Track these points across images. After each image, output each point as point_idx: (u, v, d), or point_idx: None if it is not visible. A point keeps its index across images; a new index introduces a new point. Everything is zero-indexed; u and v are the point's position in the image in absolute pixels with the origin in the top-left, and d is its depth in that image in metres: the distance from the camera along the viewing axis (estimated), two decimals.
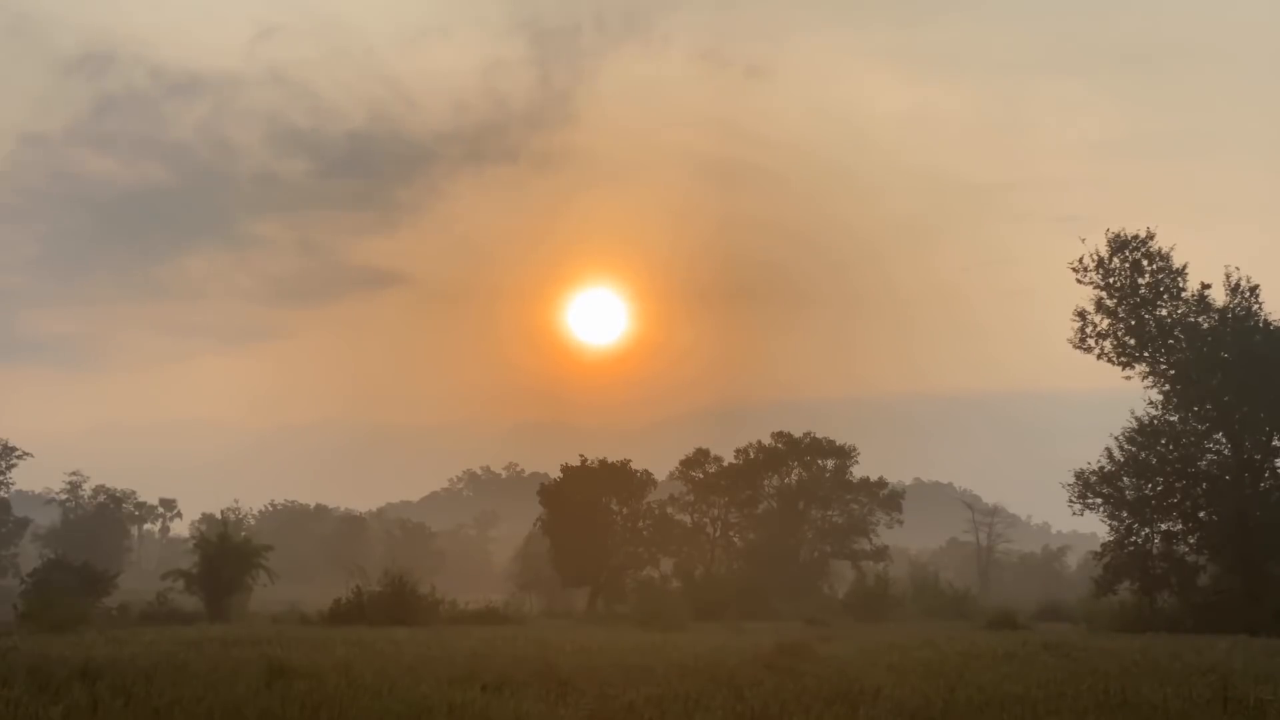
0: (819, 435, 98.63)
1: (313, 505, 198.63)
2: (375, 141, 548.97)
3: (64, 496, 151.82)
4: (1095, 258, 55.02)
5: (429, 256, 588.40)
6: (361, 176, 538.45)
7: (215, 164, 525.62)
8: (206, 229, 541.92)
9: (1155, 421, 54.81)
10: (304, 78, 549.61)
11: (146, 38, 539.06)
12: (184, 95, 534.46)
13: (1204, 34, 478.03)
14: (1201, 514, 54.42)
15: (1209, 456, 54.87)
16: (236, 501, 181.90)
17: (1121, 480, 54.95)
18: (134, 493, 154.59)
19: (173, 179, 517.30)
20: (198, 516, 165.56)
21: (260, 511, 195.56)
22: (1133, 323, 54.67)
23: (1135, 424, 55.02)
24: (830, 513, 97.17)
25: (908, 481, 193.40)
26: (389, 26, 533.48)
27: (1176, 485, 54.49)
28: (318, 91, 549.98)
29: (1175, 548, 54.82)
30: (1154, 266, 54.56)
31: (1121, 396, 57.04)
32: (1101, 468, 55.11)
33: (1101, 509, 55.27)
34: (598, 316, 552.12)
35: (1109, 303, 54.86)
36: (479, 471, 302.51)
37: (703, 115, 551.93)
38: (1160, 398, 55.15)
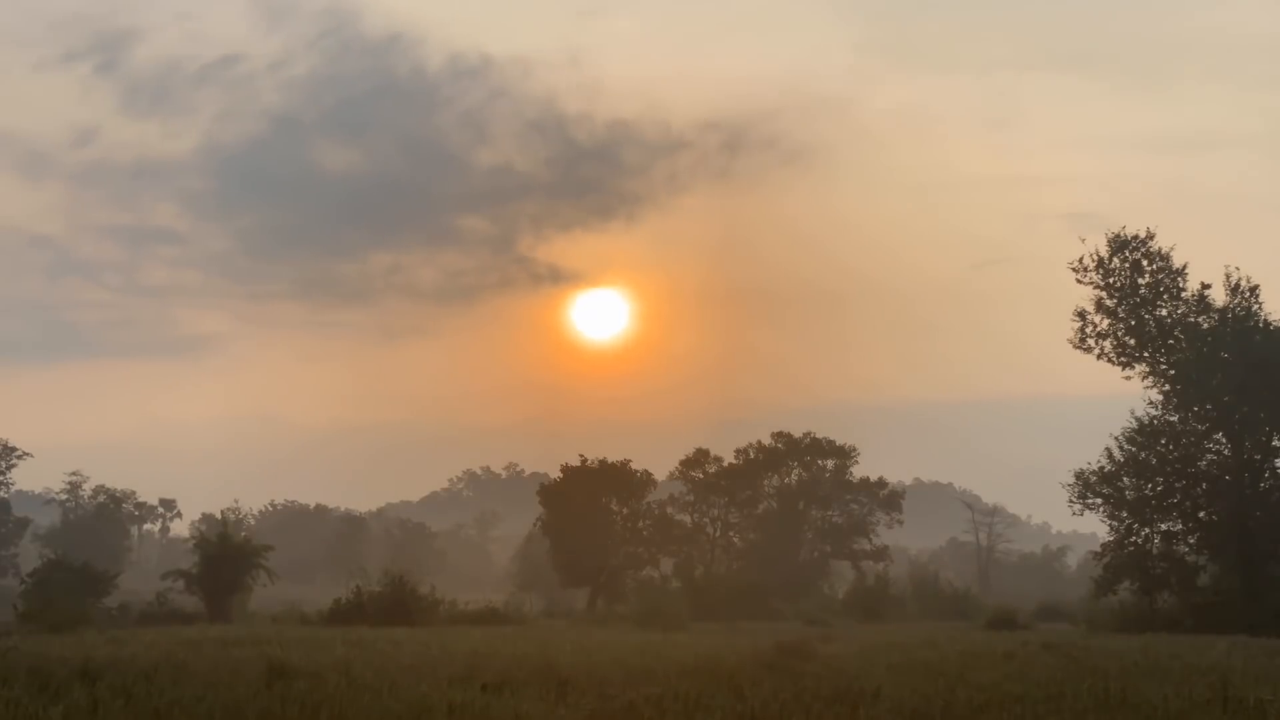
0: (819, 435, 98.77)
1: (312, 505, 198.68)
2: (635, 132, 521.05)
3: (64, 496, 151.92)
4: (1095, 258, 55.08)
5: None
6: (602, 172, 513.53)
7: (460, 153, 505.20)
8: (412, 223, 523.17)
9: (1155, 421, 54.82)
10: (596, 63, 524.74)
11: (447, 19, 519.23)
12: (465, 80, 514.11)
13: (1203, 29, 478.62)
14: (1201, 514, 54.43)
15: (1209, 456, 54.87)
16: (236, 501, 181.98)
17: (1121, 480, 54.95)
18: (134, 493, 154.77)
19: (412, 170, 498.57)
20: (198, 516, 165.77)
21: (260, 511, 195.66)
22: (1133, 323, 54.69)
23: (1135, 424, 55.03)
24: (830, 513, 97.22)
25: (908, 481, 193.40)
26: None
27: (1176, 485, 54.49)
28: (601, 78, 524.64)
29: (1175, 548, 54.83)
30: (1154, 266, 54.60)
31: (1122, 397, 57.21)
32: (1101, 468, 55.11)
33: (1101, 509, 55.28)
34: (600, 312, 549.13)
35: (1109, 303, 54.89)
36: (479, 471, 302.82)
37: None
38: (1160, 398, 55.19)
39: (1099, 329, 55.25)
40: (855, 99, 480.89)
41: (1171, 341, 54.56)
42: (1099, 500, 55.10)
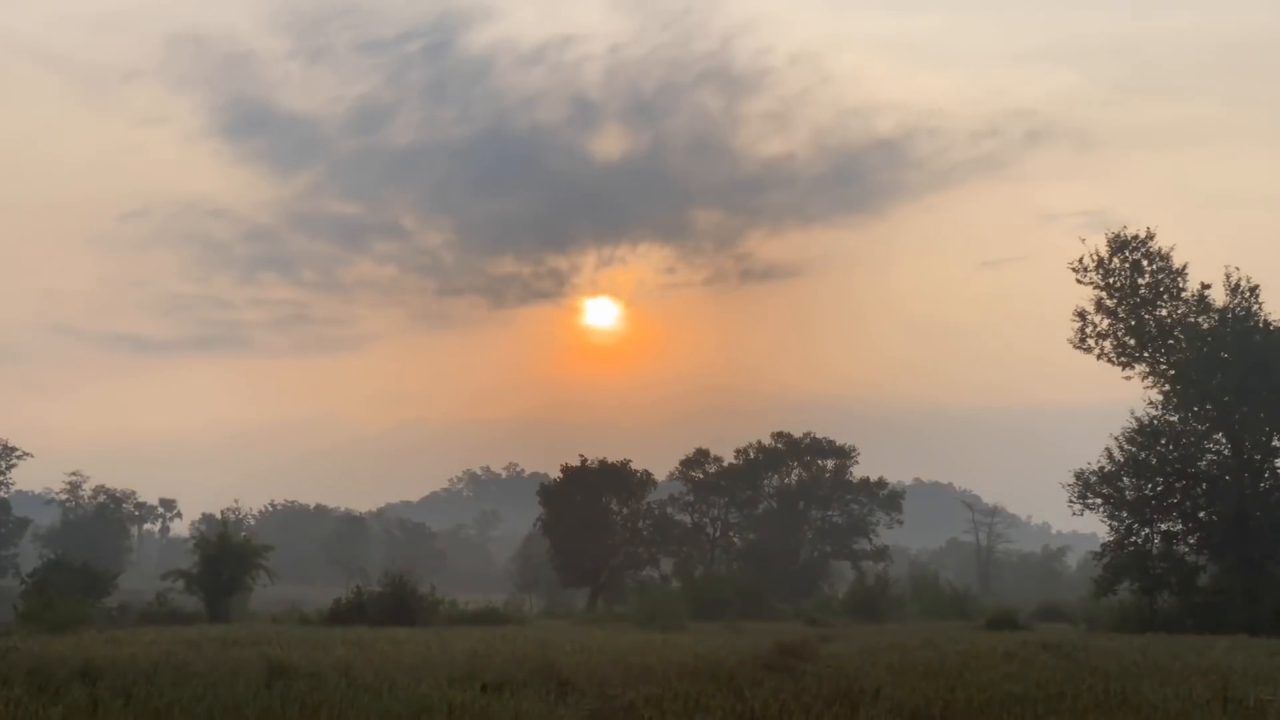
0: (819, 435, 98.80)
1: (312, 505, 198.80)
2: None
3: (64, 497, 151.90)
4: (1095, 258, 55.07)
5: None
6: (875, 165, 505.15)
7: (739, 146, 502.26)
8: (647, 215, 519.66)
9: (1155, 421, 54.80)
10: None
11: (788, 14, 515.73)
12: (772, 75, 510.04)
13: (1197, 22, 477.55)
14: (1201, 514, 54.41)
15: (1209, 456, 54.85)
16: (236, 501, 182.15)
17: (1121, 480, 54.92)
18: (134, 493, 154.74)
19: (681, 161, 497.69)
20: (198, 517, 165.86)
21: (260, 511, 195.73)
22: (1133, 323, 54.67)
23: (1135, 424, 55.02)
24: (830, 513, 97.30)
25: (908, 481, 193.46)
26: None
27: (1176, 485, 54.47)
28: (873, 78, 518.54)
29: (1175, 548, 54.80)
30: (1154, 266, 54.57)
31: (1123, 398, 57.19)
32: (1101, 468, 55.09)
33: (1101, 509, 55.25)
34: (600, 308, 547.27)
35: (1109, 303, 54.88)
36: (479, 471, 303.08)
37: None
38: (1160, 398, 55.17)
39: (1099, 329, 55.25)
40: None
41: (1171, 341, 54.54)
42: (1099, 500, 55.08)
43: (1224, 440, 54.18)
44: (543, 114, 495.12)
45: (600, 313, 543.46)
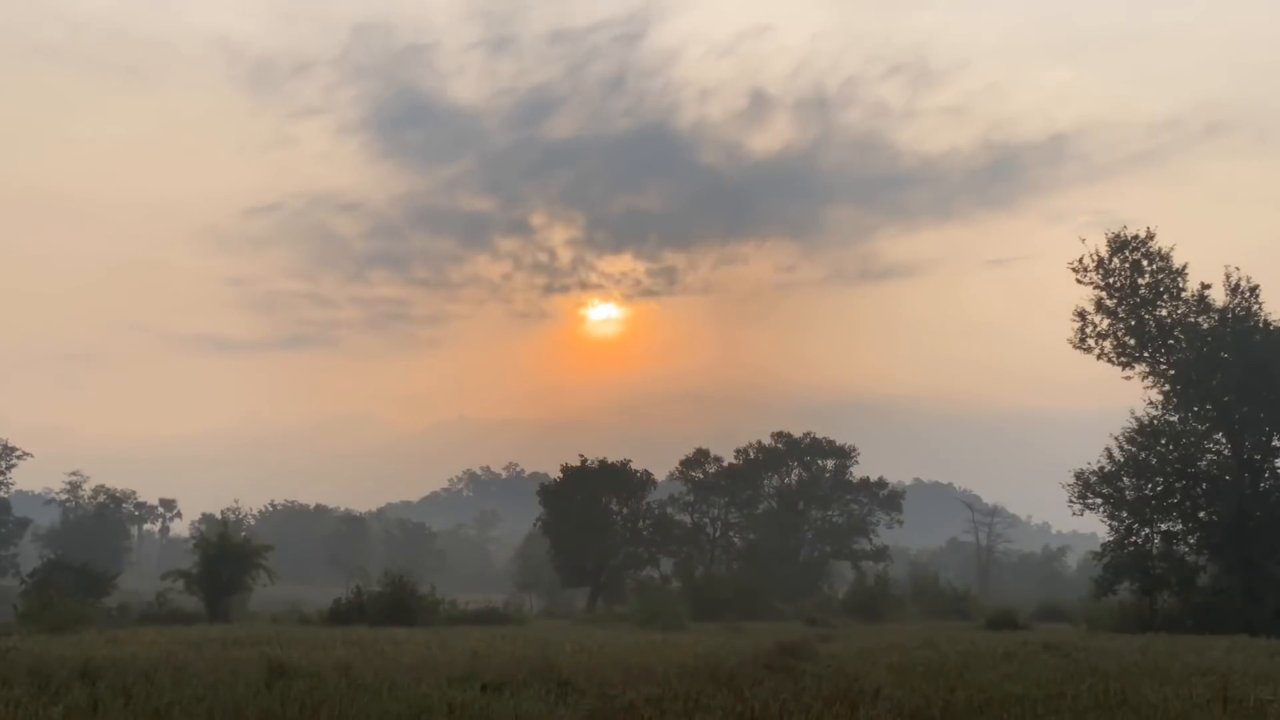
0: (819, 435, 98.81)
1: (312, 505, 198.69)
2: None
3: (64, 497, 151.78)
4: (1095, 258, 55.07)
5: None
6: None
7: (897, 145, 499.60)
8: (781, 213, 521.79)
9: (1155, 421, 54.80)
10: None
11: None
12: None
13: (1195, 16, 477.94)
14: (1201, 514, 54.39)
15: (1209, 456, 54.84)
16: (236, 501, 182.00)
17: (1121, 480, 54.91)
18: (134, 493, 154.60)
19: (837, 157, 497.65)
20: (198, 517, 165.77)
21: (260, 511, 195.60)
22: (1133, 323, 54.67)
23: (1135, 424, 55.02)
24: (830, 513, 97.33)
25: (908, 481, 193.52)
26: None
27: (1176, 485, 54.45)
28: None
29: (1175, 548, 54.78)
30: (1154, 266, 54.58)
31: (1123, 397, 57.16)
32: (1101, 468, 55.08)
33: (1101, 509, 55.23)
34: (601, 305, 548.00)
35: (1109, 303, 54.88)
36: (479, 471, 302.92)
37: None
38: (1160, 398, 55.16)
39: (1099, 329, 55.26)
40: None
41: (1171, 341, 54.54)
42: (1099, 500, 55.06)
43: (1224, 440, 54.17)
44: (713, 108, 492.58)
45: (694, 310, 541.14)
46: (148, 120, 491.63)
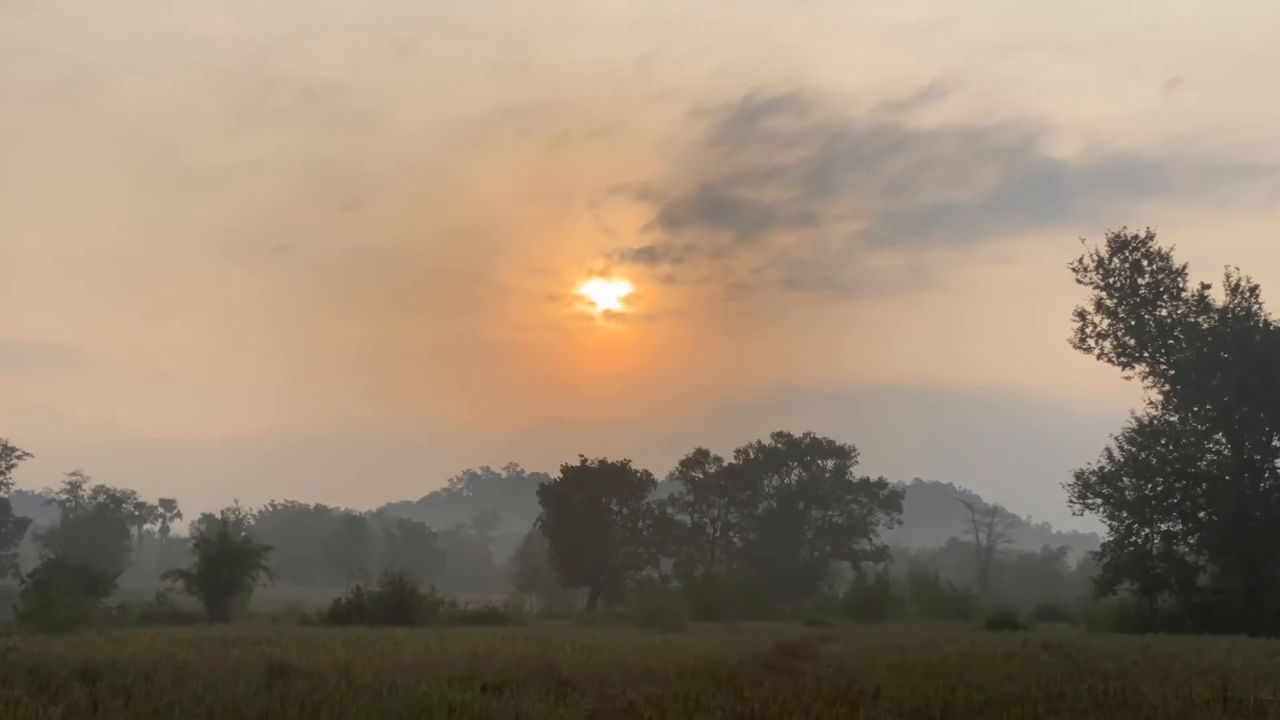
0: (819, 435, 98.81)
1: (312, 505, 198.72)
2: None
3: (64, 497, 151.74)
4: (1095, 258, 55.08)
5: None
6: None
7: None
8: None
9: (1155, 421, 54.82)
10: None
11: None
12: None
13: (1190, 12, 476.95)
14: (1201, 514, 54.42)
15: (1209, 456, 54.86)
16: (236, 502, 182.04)
17: (1121, 480, 54.94)
18: (134, 493, 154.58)
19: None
20: (198, 517, 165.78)
21: (260, 512, 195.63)
22: (1133, 323, 54.68)
23: (1135, 424, 55.03)
24: (830, 513, 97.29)
25: (908, 481, 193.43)
26: None
27: (1176, 485, 54.47)
28: None
29: (1175, 548, 54.81)
30: (1154, 267, 54.59)
31: (1123, 396, 57.15)
32: (1101, 468, 55.10)
33: (1101, 509, 55.27)
34: (604, 291, 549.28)
35: (1109, 303, 54.89)
36: (479, 471, 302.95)
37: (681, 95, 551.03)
38: (1160, 398, 55.18)
39: (1099, 329, 55.27)
40: None
41: (1171, 341, 54.55)
42: (1099, 500, 55.09)
43: (1224, 440, 54.19)
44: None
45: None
46: None
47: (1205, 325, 53.95)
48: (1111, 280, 54.79)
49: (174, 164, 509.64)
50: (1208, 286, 54.18)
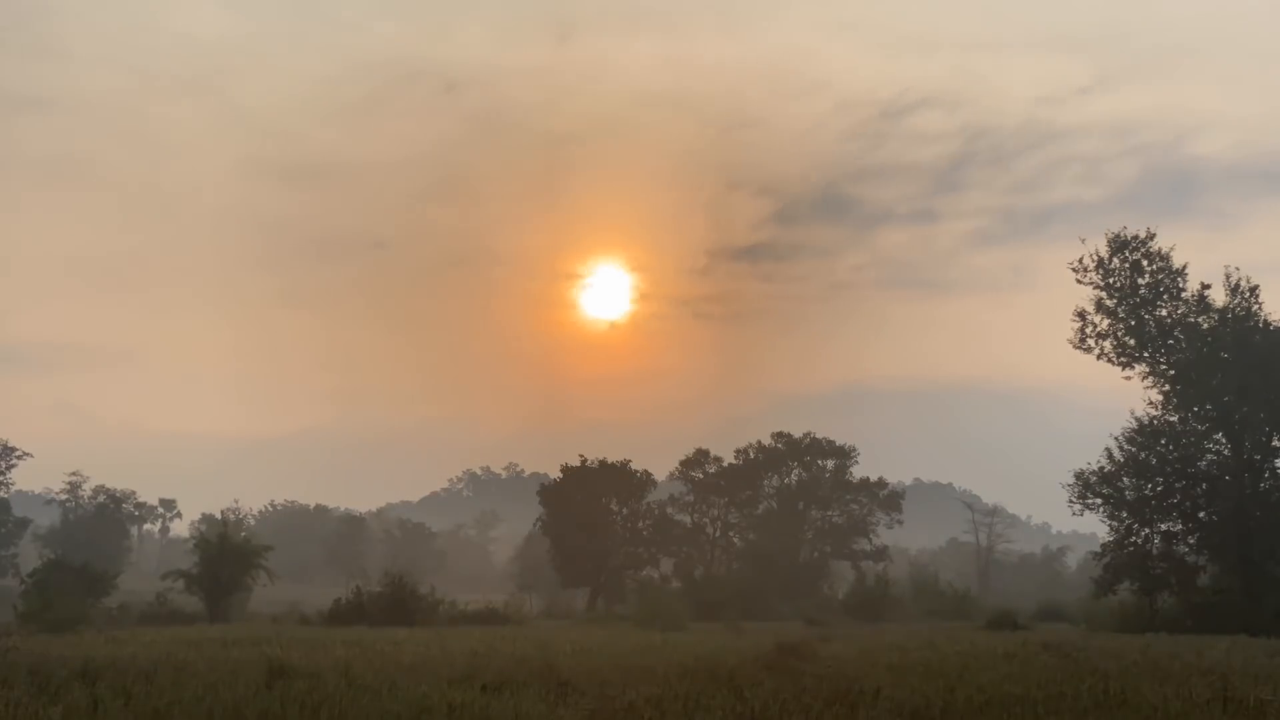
0: (819, 435, 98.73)
1: (312, 505, 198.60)
2: None
3: (64, 497, 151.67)
4: (1095, 258, 55.04)
5: None
6: None
7: None
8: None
9: (1155, 422, 54.80)
10: None
11: None
12: None
13: (1188, 9, 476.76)
14: (1201, 514, 54.40)
15: (1209, 456, 54.84)
16: (236, 502, 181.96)
17: (1121, 480, 54.92)
18: (134, 493, 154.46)
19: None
20: (198, 517, 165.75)
21: (260, 512, 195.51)
22: (1133, 323, 54.64)
23: (1135, 424, 55.01)
24: (830, 513, 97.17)
25: (908, 481, 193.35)
26: None
27: (1176, 485, 54.46)
28: None
29: (1175, 548, 54.80)
30: (1154, 267, 54.56)
31: (1123, 395, 57.11)
32: (1101, 468, 55.09)
33: (1101, 509, 55.25)
34: (602, 294, 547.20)
35: (1109, 303, 54.86)
36: (479, 471, 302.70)
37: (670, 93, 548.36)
38: (1160, 398, 55.16)
39: (1099, 329, 55.23)
40: None
41: (1171, 341, 54.52)
42: (1099, 500, 55.08)
43: (1224, 440, 54.16)
44: None
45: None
46: None
47: (1205, 325, 53.93)
48: (1111, 280, 54.76)
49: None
50: (1208, 286, 54.20)
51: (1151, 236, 54.80)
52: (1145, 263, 54.54)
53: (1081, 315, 55.43)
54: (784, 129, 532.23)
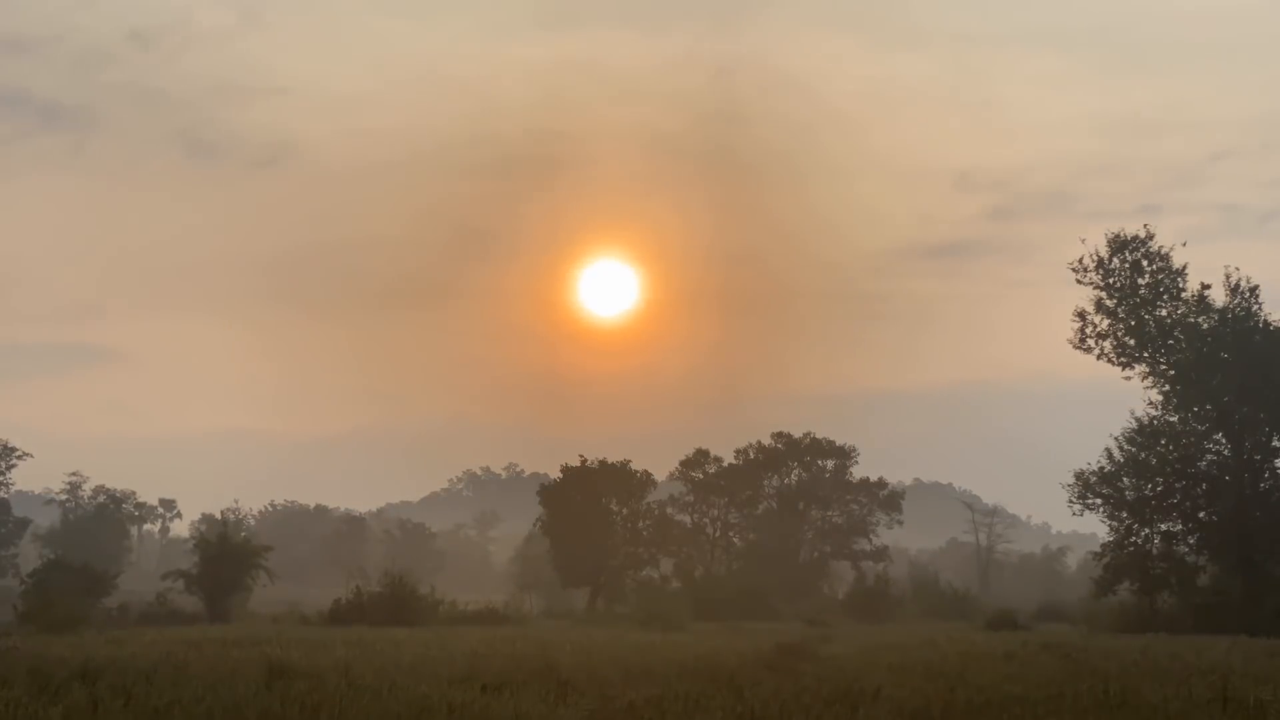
0: (819, 435, 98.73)
1: (312, 506, 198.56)
2: None
3: (64, 497, 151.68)
4: (1095, 258, 55.02)
5: None
6: None
7: None
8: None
9: (1155, 422, 54.80)
10: None
11: None
12: None
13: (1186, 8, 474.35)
14: (1201, 514, 54.42)
15: (1209, 457, 54.86)
16: (236, 502, 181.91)
17: (1121, 481, 54.93)
18: (134, 493, 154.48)
19: None
20: (198, 517, 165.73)
21: (260, 512, 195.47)
22: (1133, 323, 54.63)
23: (1135, 424, 55.01)
24: (830, 513, 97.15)
25: (908, 481, 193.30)
26: None
27: (1176, 485, 54.48)
28: None
29: (1175, 548, 54.82)
30: (1154, 267, 54.55)
31: (1123, 394, 57.15)
32: (1101, 468, 55.09)
33: (1101, 509, 55.28)
34: (603, 291, 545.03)
35: (1109, 303, 54.84)
36: (479, 471, 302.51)
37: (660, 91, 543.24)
38: (1160, 398, 55.16)
39: (1099, 329, 55.22)
40: None
41: (1171, 342, 54.51)
42: (1099, 501, 55.09)
43: (1224, 440, 54.18)
44: None
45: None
46: None
47: (1205, 325, 53.92)
48: (1111, 280, 54.74)
49: None
50: (1208, 287, 54.22)
51: (1151, 236, 54.83)
52: (1145, 263, 54.53)
53: (1081, 315, 55.44)
54: (1018, 116, 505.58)
